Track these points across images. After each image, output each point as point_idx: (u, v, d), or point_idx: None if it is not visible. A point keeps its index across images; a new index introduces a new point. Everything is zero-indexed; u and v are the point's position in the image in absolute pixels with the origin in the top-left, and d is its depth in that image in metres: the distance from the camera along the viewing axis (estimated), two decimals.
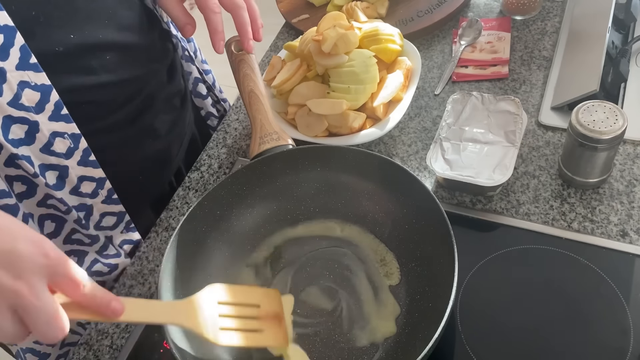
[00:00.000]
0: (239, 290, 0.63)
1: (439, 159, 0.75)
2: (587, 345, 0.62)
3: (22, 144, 0.63)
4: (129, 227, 0.81)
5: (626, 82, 0.83)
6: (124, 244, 0.81)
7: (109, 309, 0.48)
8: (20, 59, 0.59)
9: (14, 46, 0.59)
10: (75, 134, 0.67)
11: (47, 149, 0.65)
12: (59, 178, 0.68)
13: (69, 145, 0.67)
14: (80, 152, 0.69)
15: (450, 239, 0.61)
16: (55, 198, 0.68)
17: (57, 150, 0.66)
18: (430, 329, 0.56)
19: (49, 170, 0.67)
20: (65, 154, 0.67)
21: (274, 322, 0.63)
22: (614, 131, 0.66)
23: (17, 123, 0.61)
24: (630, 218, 0.71)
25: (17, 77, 0.60)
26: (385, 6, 1.01)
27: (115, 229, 0.79)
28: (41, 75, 0.62)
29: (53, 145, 0.65)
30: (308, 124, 0.82)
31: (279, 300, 0.65)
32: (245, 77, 0.82)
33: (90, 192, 0.72)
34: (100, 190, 0.73)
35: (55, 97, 0.63)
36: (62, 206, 0.69)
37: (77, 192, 0.71)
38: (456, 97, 0.81)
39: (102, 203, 0.75)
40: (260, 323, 0.61)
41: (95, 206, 0.74)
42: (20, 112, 0.61)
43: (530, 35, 0.95)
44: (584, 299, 0.65)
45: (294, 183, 0.75)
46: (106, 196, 0.75)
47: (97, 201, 0.74)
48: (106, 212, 0.76)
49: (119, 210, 0.78)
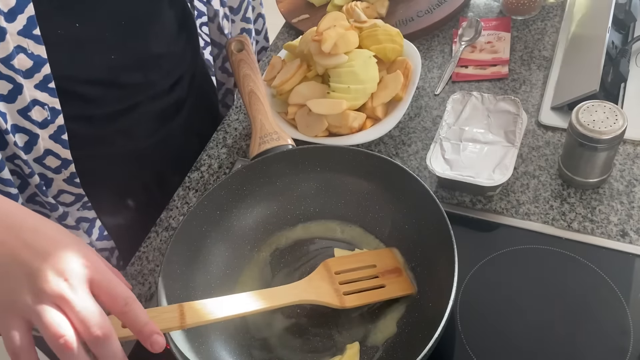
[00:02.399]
0: (352, 258, 0.69)
1: (439, 159, 0.75)
2: (587, 345, 0.62)
3: (1, 99, 0.64)
4: (86, 206, 0.81)
5: (626, 82, 0.83)
6: (80, 221, 0.81)
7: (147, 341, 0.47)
8: (25, 26, 0.61)
9: (23, 13, 0.60)
10: (55, 108, 0.68)
11: (24, 113, 0.66)
12: (27, 143, 0.68)
13: (46, 116, 0.67)
14: (55, 127, 0.69)
15: (450, 239, 0.61)
16: (21, 159, 0.68)
17: (33, 117, 0.66)
18: (430, 329, 0.56)
19: (20, 133, 0.67)
20: (40, 124, 0.67)
21: (394, 275, 0.67)
22: (614, 131, 0.66)
23: (2, 79, 0.62)
24: (630, 218, 0.71)
25: (16, 40, 0.61)
26: (385, 6, 1.01)
27: (72, 206, 0.79)
28: (40, 48, 0.63)
29: (30, 111, 0.66)
30: (308, 124, 0.82)
31: (392, 256, 0.69)
32: (245, 77, 0.82)
33: (53, 168, 0.73)
34: (63, 169, 0.74)
35: (47, 70, 0.64)
36: (26, 168, 0.70)
37: (41, 162, 0.71)
38: (456, 97, 0.81)
39: (62, 181, 0.75)
40: (381, 280, 0.67)
41: (56, 182, 0.74)
42: (9, 71, 0.62)
43: (530, 35, 0.95)
44: (584, 299, 0.65)
45: (294, 183, 0.74)
46: (68, 177, 0.75)
47: (59, 178, 0.74)
48: (64, 190, 0.76)
49: (77, 192, 0.78)
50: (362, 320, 0.66)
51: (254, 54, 0.85)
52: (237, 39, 0.86)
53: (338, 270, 0.66)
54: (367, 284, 0.66)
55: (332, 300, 0.64)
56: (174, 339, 0.59)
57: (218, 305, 0.58)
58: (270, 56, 1.03)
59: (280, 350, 0.65)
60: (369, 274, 0.67)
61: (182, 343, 0.60)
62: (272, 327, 0.67)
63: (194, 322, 0.55)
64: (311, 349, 0.65)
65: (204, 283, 0.68)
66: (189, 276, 0.67)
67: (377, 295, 0.66)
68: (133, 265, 0.79)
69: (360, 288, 0.66)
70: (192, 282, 0.67)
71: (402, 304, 0.66)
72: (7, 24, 0.60)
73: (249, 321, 0.67)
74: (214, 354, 0.63)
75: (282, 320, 0.67)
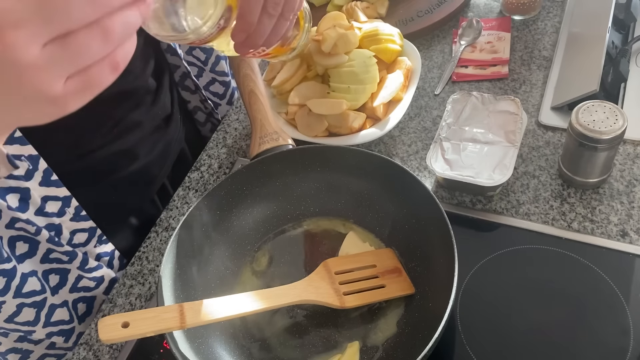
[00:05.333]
0: (352, 258, 0.69)
1: (439, 159, 0.75)
2: (587, 345, 0.62)
3: None
4: (102, 240, 0.78)
5: (626, 82, 0.83)
6: (100, 257, 0.79)
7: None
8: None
9: None
10: (32, 155, 0.64)
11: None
12: (21, 200, 0.65)
13: (27, 167, 0.64)
14: (41, 173, 0.66)
15: (450, 239, 0.61)
16: (22, 220, 0.65)
17: (15, 173, 0.63)
18: (430, 329, 0.56)
19: (10, 194, 0.64)
20: (25, 176, 0.64)
21: (394, 275, 0.67)
22: (614, 131, 0.66)
23: None
24: (630, 218, 0.71)
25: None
26: (385, 6, 1.01)
27: (88, 244, 0.76)
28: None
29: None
30: (308, 124, 0.82)
31: (393, 256, 0.69)
32: (245, 77, 0.82)
33: (56, 212, 0.70)
34: (67, 208, 0.70)
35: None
36: (31, 227, 0.66)
37: (43, 212, 0.68)
38: (456, 97, 0.81)
39: (70, 221, 0.72)
40: (381, 280, 0.67)
41: (64, 224, 0.71)
42: None
43: (530, 35, 0.95)
44: (584, 299, 0.65)
45: (294, 183, 0.74)
46: (74, 214, 0.72)
47: (65, 219, 0.71)
48: (76, 229, 0.73)
49: (89, 226, 0.75)
50: (362, 320, 0.66)
51: None
52: None
53: (338, 271, 0.67)
54: (367, 284, 0.66)
55: (332, 301, 0.64)
56: (174, 338, 0.58)
57: (218, 305, 0.58)
58: None
59: (280, 350, 0.65)
60: (369, 274, 0.67)
61: (182, 343, 0.60)
62: (272, 327, 0.67)
63: (194, 322, 0.55)
64: (311, 349, 0.65)
65: (204, 283, 0.68)
66: (189, 276, 0.67)
67: (377, 296, 0.66)
68: (133, 265, 0.79)
69: (360, 288, 0.66)
70: (192, 282, 0.67)
71: (402, 304, 0.66)
72: None
73: (249, 321, 0.67)
74: (214, 354, 0.63)
75: (282, 320, 0.67)
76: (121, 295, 0.76)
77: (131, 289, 0.77)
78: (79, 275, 0.75)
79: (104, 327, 0.52)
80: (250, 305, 0.59)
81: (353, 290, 0.65)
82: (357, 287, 0.66)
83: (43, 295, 0.71)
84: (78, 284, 0.75)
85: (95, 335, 0.73)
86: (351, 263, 0.68)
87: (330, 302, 0.63)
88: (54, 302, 0.73)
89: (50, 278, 0.72)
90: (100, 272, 0.77)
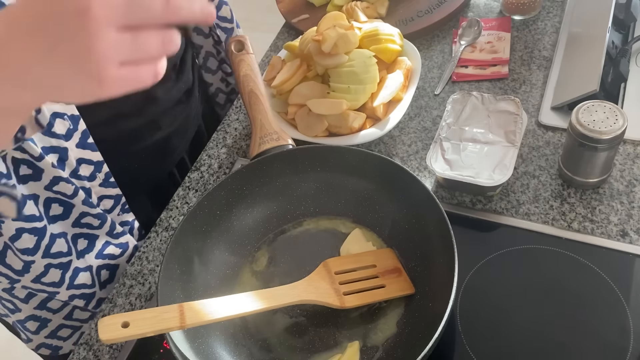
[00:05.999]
0: (352, 258, 0.69)
1: (439, 159, 0.75)
2: (587, 345, 0.62)
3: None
4: (124, 209, 0.81)
5: (626, 82, 0.83)
6: (123, 226, 0.82)
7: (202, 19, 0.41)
8: None
9: None
10: (74, 115, 0.67)
11: (48, 130, 0.65)
12: (59, 160, 0.68)
13: (68, 126, 0.67)
14: (79, 134, 0.69)
15: (450, 239, 0.61)
16: (62, 179, 0.68)
17: (58, 131, 0.66)
18: (430, 329, 0.56)
19: (50, 153, 0.67)
20: (65, 136, 0.67)
21: (394, 275, 0.67)
22: (614, 131, 0.66)
23: None
24: (630, 218, 0.71)
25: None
26: (385, 6, 1.01)
27: (113, 211, 0.79)
28: None
29: (54, 127, 0.66)
30: (308, 124, 0.82)
31: (393, 256, 0.69)
32: (245, 77, 0.82)
33: (88, 175, 0.72)
34: (97, 173, 0.73)
35: None
36: (70, 188, 0.69)
37: (77, 175, 0.71)
38: (456, 97, 0.81)
39: (99, 186, 0.75)
40: (381, 280, 0.67)
41: (93, 189, 0.74)
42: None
43: (530, 35, 0.95)
44: (584, 299, 0.65)
45: (294, 183, 0.74)
46: (104, 179, 0.75)
47: (95, 184, 0.74)
48: (104, 195, 0.76)
49: (115, 194, 0.78)
50: (362, 320, 0.66)
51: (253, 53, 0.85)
52: (237, 39, 0.86)
53: (338, 270, 0.67)
54: (367, 284, 0.66)
55: (332, 301, 0.64)
56: (174, 338, 0.59)
57: (218, 305, 0.58)
58: (270, 56, 1.03)
59: (280, 350, 0.65)
60: (369, 274, 0.67)
61: (182, 343, 0.60)
62: (272, 327, 0.67)
63: (194, 322, 0.55)
64: (311, 349, 0.65)
65: (204, 283, 0.68)
66: (189, 276, 0.67)
67: (377, 295, 0.66)
68: (133, 265, 0.79)
69: (360, 288, 0.66)
70: (192, 282, 0.67)
71: (402, 304, 0.66)
72: None
73: (249, 321, 0.67)
74: (214, 353, 0.63)
75: (282, 320, 0.67)
76: (121, 295, 0.76)
77: (131, 289, 0.77)
78: (107, 242, 0.78)
79: (104, 327, 0.52)
80: (250, 305, 0.59)
81: (353, 290, 0.65)
82: (357, 287, 0.66)
83: (69, 258, 0.73)
84: (104, 250, 0.78)
85: (95, 335, 0.73)
86: (351, 263, 0.68)
87: (330, 302, 0.63)
88: (79, 265, 0.75)
89: (79, 242, 0.75)
90: (125, 239, 0.80)
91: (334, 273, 0.66)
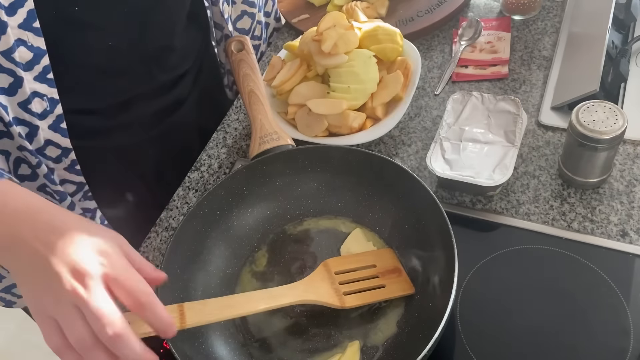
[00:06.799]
0: (352, 258, 0.69)
1: (439, 159, 0.75)
2: (587, 345, 0.62)
3: (2, 92, 0.64)
4: (87, 196, 0.82)
5: (626, 82, 0.83)
6: (83, 213, 0.82)
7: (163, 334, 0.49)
8: (25, 20, 0.62)
9: (23, 7, 0.61)
10: (54, 98, 0.68)
11: (24, 106, 0.66)
12: (27, 135, 0.69)
13: (45, 107, 0.68)
14: (54, 117, 0.70)
15: (451, 239, 0.61)
16: (27, 150, 0.69)
17: (33, 109, 0.67)
18: (430, 329, 0.56)
19: (21, 125, 0.68)
20: (40, 115, 0.68)
21: (394, 275, 0.67)
22: (614, 131, 0.66)
23: (3, 73, 0.63)
24: (630, 218, 0.71)
25: (17, 33, 0.62)
26: (385, 6, 1.01)
27: (74, 196, 0.80)
28: (39, 40, 0.64)
29: (30, 104, 0.67)
30: (308, 124, 0.82)
31: (393, 256, 0.69)
32: (245, 77, 0.82)
33: (54, 157, 0.73)
34: (64, 158, 0.74)
35: (46, 61, 0.65)
36: (33, 159, 0.70)
37: (42, 153, 0.72)
38: (456, 97, 0.81)
39: (63, 169, 0.76)
40: (381, 280, 0.67)
41: (57, 171, 0.75)
42: (10, 64, 0.63)
43: (530, 35, 0.95)
44: (584, 299, 0.65)
45: (294, 183, 0.74)
46: (69, 165, 0.76)
47: (60, 167, 0.75)
48: (66, 180, 0.77)
49: (79, 181, 0.79)
50: (362, 320, 0.66)
51: (253, 53, 0.85)
52: (237, 39, 0.86)
53: (338, 270, 0.66)
54: (367, 284, 0.66)
55: (332, 301, 0.64)
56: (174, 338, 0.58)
57: (218, 306, 0.58)
58: (270, 56, 1.03)
59: (280, 350, 0.65)
60: (369, 274, 0.67)
61: (182, 343, 0.60)
62: (272, 327, 0.67)
63: (194, 322, 0.55)
64: (311, 349, 0.65)
65: (204, 283, 0.68)
66: (189, 276, 0.67)
67: (377, 295, 0.66)
68: None
69: (360, 288, 0.66)
70: (192, 282, 0.67)
71: (402, 304, 0.66)
72: (7, 17, 0.60)
73: (249, 321, 0.67)
74: (214, 354, 0.63)
75: (282, 320, 0.67)
76: None
77: None
78: None
79: None
80: (251, 306, 0.59)
81: (353, 290, 0.65)
82: (357, 287, 0.66)
83: None
84: None
85: None
86: (351, 263, 0.68)
87: (330, 302, 0.63)
88: None
89: None
90: None
91: (334, 273, 0.66)
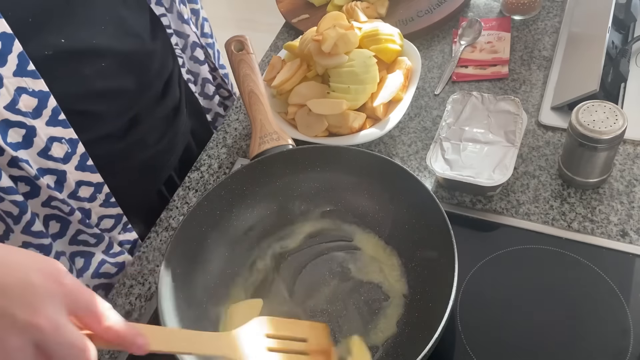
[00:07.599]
0: (286, 323, 0.63)
1: (439, 159, 0.75)
2: (587, 345, 0.62)
3: (20, 147, 0.63)
4: (127, 228, 0.81)
5: (626, 82, 0.83)
6: (122, 244, 0.82)
7: (133, 345, 0.46)
8: (18, 65, 0.59)
9: (12, 53, 0.59)
10: (72, 139, 0.67)
11: (44, 154, 0.65)
12: (57, 182, 0.68)
13: (66, 150, 0.67)
14: (78, 157, 0.69)
15: (451, 239, 0.61)
16: (58, 199, 0.68)
17: (55, 155, 0.66)
18: (430, 329, 0.56)
19: (47, 175, 0.67)
20: (63, 159, 0.67)
21: (322, 358, 0.61)
22: (614, 131, 0.66)
23: (14, 127, 0.61)
24: (630, 218, 0.71)
25: (14, 83, 0.60)
26: (385, 6, 1.01)
27: (113, 230, 0.79)
28: (39, 82, 0.62)
29: (50, 150, 0.65)
30: (308, 124, 0.82)
31: (326, 334, 0.64)
32: (245, 77, 0.82)
33: (88, 197, 0.72)
34: (98, 194, 0.73)
35: (53, 103, 0.64)
36: (66, 207, 0.69)
37: (75, 196, 0.71)
38: (456, 97, 0.81)
39: (99, 206, 0.75)
40: (308, 358, 0.60)
41: (94, 209, 0.74)
42: (17, 116, 0.61)
43: (530, 35, 0.95)
44: (584, 299, 0.65)
45: (294, 183, 0.74)
46: (104, 200, 0.75)
47: (95, 205, 0.74)
48: (104, 215, 0.76)
49: (116, 213, 0.78)
50: (362, 320, 0.66)
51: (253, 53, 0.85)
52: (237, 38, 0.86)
53: (269, 334, 0.59)
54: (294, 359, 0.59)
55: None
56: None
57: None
58: (270, 56, 1.03)
59: None
60: (298, 348, 0.60)
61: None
62: None
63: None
64: None
65: (204, 283, 0.68)
66: (189, 276, 0.67)
67: None
68: (133, 265, 0.79)
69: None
70: (192, 282, 0.67)
71: (402, 304, 0.66)
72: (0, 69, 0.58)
73: None
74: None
75: None
76: (121, 295, 0.76)
77: (131, 289, 0.77)
78: (102, 260, 0.78)
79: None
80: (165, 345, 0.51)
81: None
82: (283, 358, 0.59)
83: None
84: (100, 269, 0.78)
85: None
86: (284, 329, 0.61)
87: None
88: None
89: (76, 261, 0.75)
90: (122, 258, 0.80)
91: (265, 336, 0.59)
